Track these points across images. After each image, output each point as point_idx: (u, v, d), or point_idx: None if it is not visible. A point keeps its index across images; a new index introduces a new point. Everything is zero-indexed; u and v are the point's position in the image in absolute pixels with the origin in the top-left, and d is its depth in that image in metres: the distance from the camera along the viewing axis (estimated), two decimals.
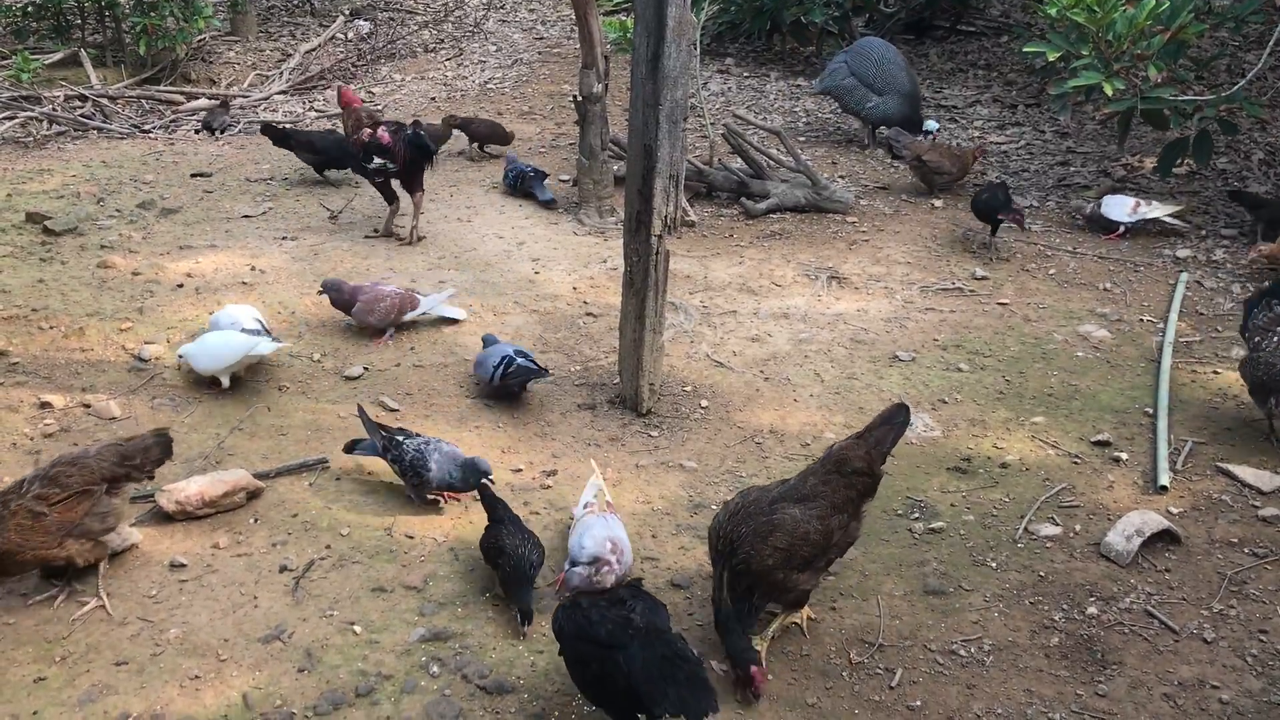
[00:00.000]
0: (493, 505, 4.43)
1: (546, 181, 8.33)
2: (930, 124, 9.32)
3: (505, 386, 5.51)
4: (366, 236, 7.49)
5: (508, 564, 4.13)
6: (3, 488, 4.19)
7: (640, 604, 3.69)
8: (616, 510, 4.52)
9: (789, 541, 3.84)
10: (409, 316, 6.15)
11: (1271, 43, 7.60)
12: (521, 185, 8.27)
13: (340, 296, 6.12)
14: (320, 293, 6.21)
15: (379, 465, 5.05)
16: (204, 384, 5.62)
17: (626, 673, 3.41)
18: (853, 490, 4.00)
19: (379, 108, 10.55)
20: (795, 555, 3.86)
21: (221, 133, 9.66)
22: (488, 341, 5.79)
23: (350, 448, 4.96)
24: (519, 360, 5.46)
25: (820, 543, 3.91)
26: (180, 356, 5.67)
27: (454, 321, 6.34)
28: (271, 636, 3.99)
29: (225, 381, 5.59)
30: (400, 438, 4.77)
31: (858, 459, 4.02)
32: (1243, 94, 7.57)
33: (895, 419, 4.16)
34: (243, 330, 5.66)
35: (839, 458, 4.04)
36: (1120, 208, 7.67)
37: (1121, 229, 7.69)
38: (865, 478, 4.03)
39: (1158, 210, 7.68)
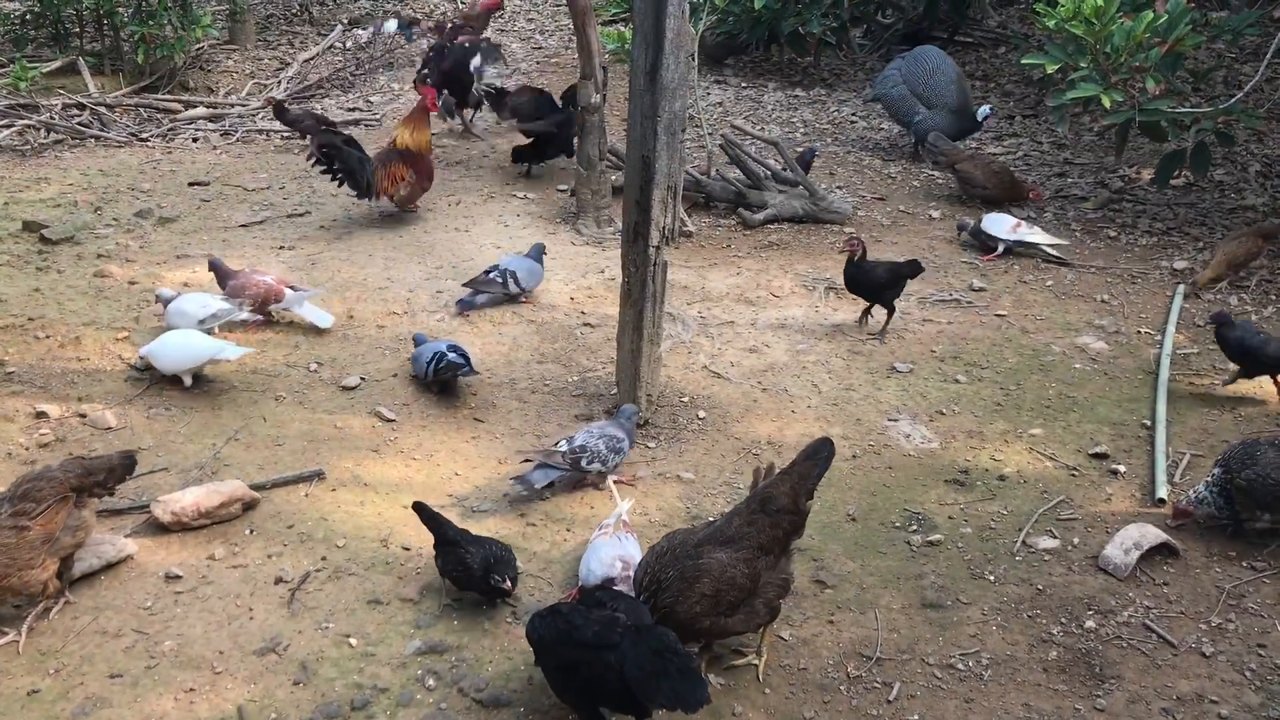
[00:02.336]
0: (439, 525, 4.30)
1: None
2: (984, 109, 9.36)
3: (437, 379, 5.69)
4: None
5: (485, 584, 4.11)
6: None
7: (621, 603, 3.69)
8: (632, 529, 4.50)
9: (715, 588, 3.76)
10: (273, 308, 6.28)
11: (1269, 55, 7.61)
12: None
13: (220, 275, 6.36)
14: (209, 269, 6.41)
15: (374, 476, 5.04)
16: (194, 390, 5.61)
17: (619, 672, 3.40)
18: (778, 529, 3.90)
19: (377, 116, 10.55)
20: (722, 601, 3.79)
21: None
22: (418, 341, 5.97)
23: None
24: (449, 355, 5.63)
25: (747, 586, 3.82)
26: (141, 355, 5.70)
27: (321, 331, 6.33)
28: (267, 649, 3.98)
29: (188, 380, 5.64)
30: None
31: (782, 496, 3.92)
32: (1240, 106, 7.58)
33: (819, 454, 4.02)
34: (200, 322, 5.90)
35: (763, 496, 3.95)
36: (1000, 225, 7.60)
37: (1000, 248, 7.60)
38: (791, 515, 3.93)
39: (1039, 237, 7.58)
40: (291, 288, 6.34)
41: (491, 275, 6.67)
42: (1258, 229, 7.26)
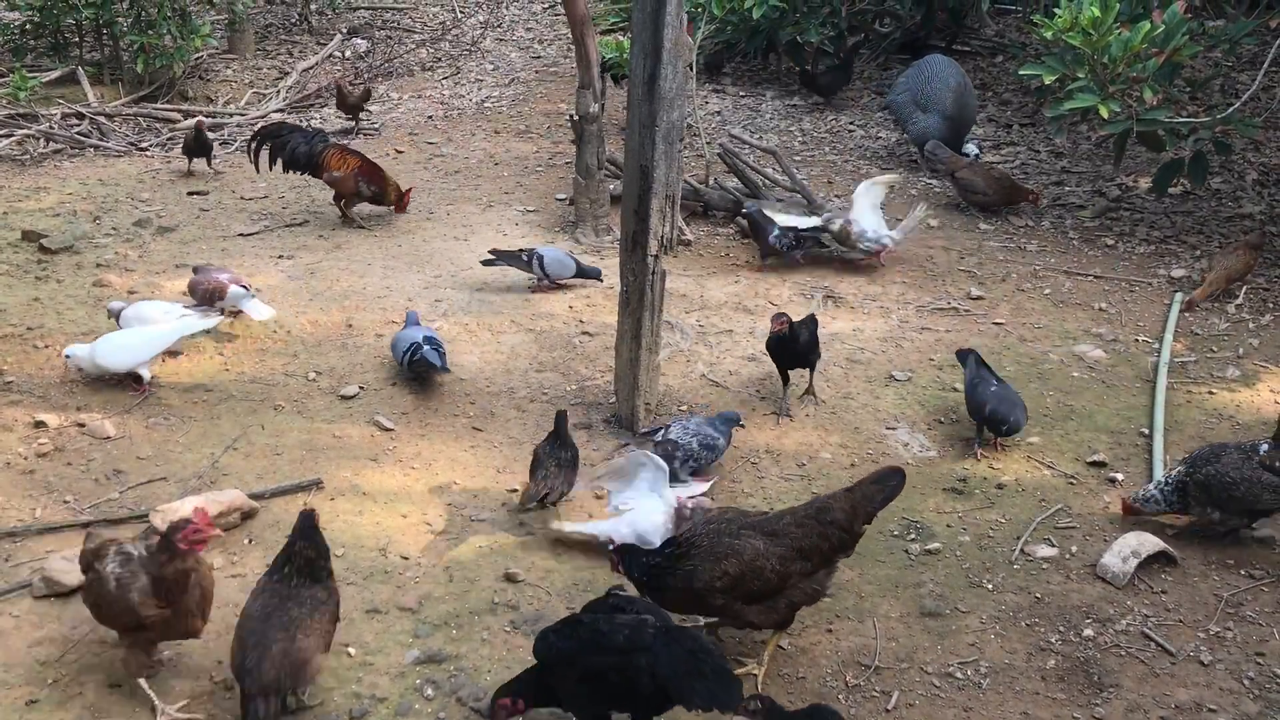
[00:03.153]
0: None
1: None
2: (970, 147, 9.32)
3: (411, 370, 5.85)
4: None
5: None
6: None
7: (641, 605, 3.67)
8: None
9: (740, 570, 3.81)
10: (219, 303, 6.29)
11: (1265, 64, 7.64)
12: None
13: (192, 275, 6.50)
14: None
15: (373, 485, 5.04)
16: (192, 399, 5.61)
17: (652, 674, 3.37)
18: (825, 541, 3.91)
19: (376, 125, 10.57)
20: (743, 586, 3.82)
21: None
22: (410, 320, 6.12)
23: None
24: (424, 349, 5.74)
25: (774, 581, 3.85)
26: (69, 356, 5.63)
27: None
28: None
29: (146, 374, 5.68)
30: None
31: (839, 510, 3.94)
32: (1237, 115, 7.59)
33: (888, 481, 4.01)
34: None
35: (821, 505, 3.99)
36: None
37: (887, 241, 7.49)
38: (842, 532, 3.93)
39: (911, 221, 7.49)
40: (243, 286, 6.38)
41: (519, 252, 7.06)
42: (1246, 241, 7.28)
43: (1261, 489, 4.58)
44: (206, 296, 6.27)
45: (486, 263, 7.06)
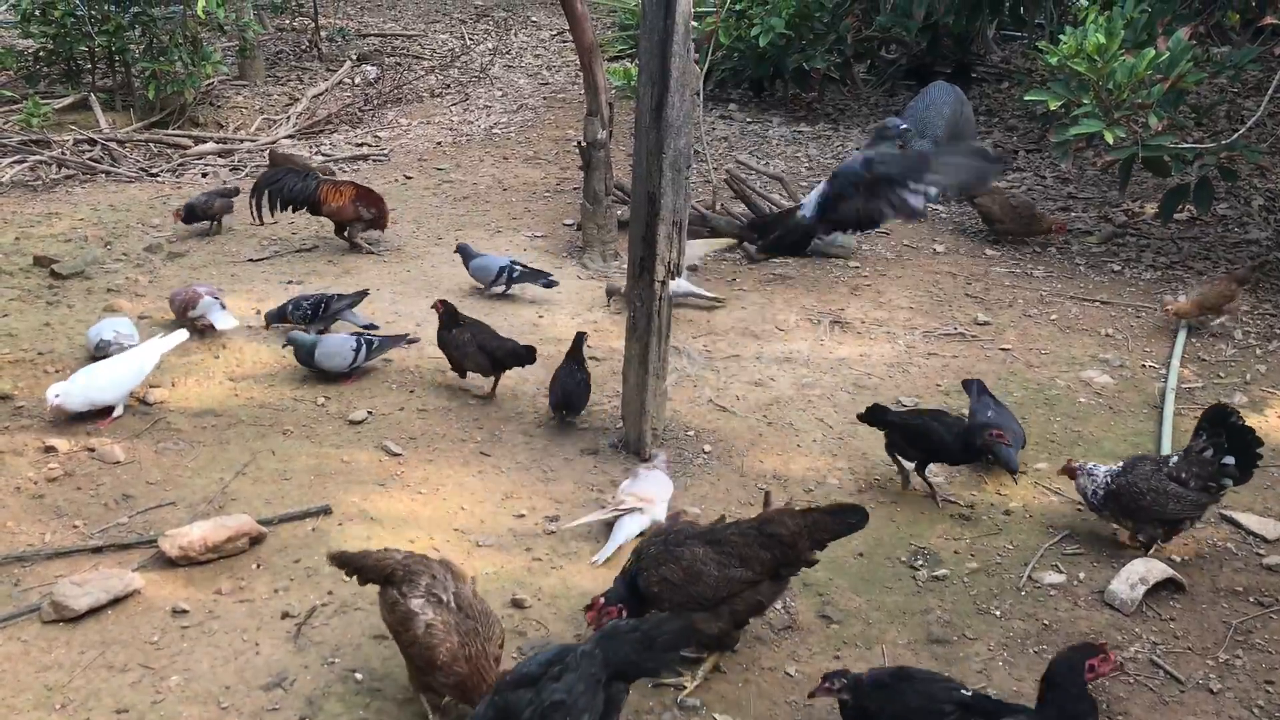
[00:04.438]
0: None
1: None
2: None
3: (512, 286, 7.26)
4: None
5: None
6: None
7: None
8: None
9: (680, 576, 3.94)
10: (190, 313, 6.46)
11: (1271, 90, 7.67)
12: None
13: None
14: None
15: (381, 510, 5.05)
16: (201, 424, 5.64)
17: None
18: (766, 553, 3.97)
19: (385, 152, 10.64)
20: (684, 590, 3.94)
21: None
22: (466, 252, 7.24)
23: None
24: (517, 268, 7.11)
25: (714, 587, 3.94)
26: (57, 396, 5.55)
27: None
28: (273, 684, 3.98)
29: (119, 410, 5.72)
30: None
31: (782, 528, 3.99)
32: (1242, 141, 7.62)
33: (847, 516, 4.07)
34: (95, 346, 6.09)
35: (765, 517, 4.08)
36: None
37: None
38: (785, 548, 3.98)
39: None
40: (215, 296, 6.53)
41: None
42: (1231, 274, 7.23)
43: (1168, 499, 4.68)
44: (182, 308, 6.49)
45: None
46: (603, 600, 3.98)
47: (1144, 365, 6.65)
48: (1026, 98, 8.37)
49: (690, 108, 5.25)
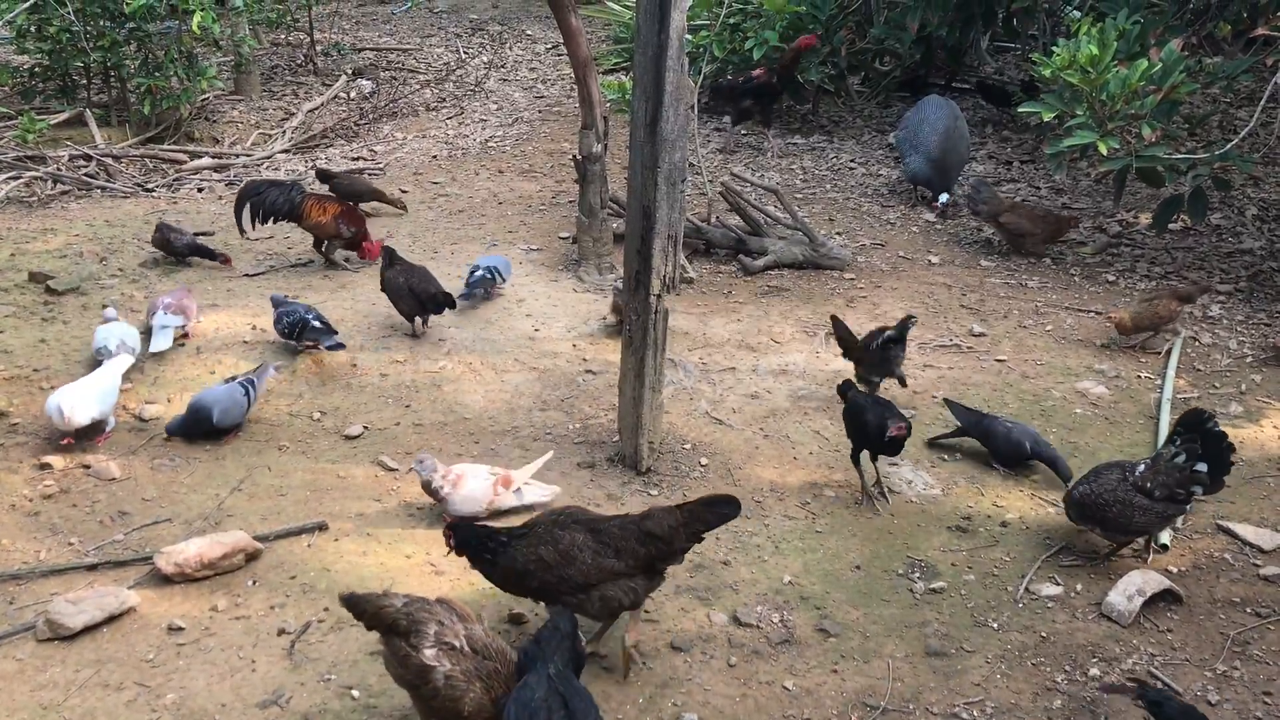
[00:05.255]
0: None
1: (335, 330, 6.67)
2: (943, 196, 9.24)
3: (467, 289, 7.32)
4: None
5: None
6: None
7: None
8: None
9: (553, 558, 4.09)
10: (150, 321, 6.55)
11: (1263, 100, 7.70)
12: (302, 335, 6.48)
13: None
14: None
15: (378, 526, 5.04)
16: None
17: None
18: (641, 547, 4.10)
19: (381, 165, 10.65)
20: (555, 572, 4.08)
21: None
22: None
23: None
24: (480, 273, 7.25)
25: (586, 572, 4.08)
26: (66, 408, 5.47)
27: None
28: (269, 701, 3.97)
29: (112, 422, 5.70)
30: None
31: (657, 523, 4.11)
32: (1236, 151, 7.65)
33: (720, 508, 4.18)
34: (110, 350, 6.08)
35: (646, 514, 4.20)
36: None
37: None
38: (660, 542, 4.10)
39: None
40: (173, 312, 6.56)
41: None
42: (1173, 291, 7.12)
43: (1134, 510, 4.72)
44: (149, 316, 6.62)
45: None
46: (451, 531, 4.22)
47: (1139, 376, 6.66)
48: (1020, 109, 8.40)
49: (685, 121, 5.26)
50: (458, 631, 3.67)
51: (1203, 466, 4.71)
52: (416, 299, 6.77)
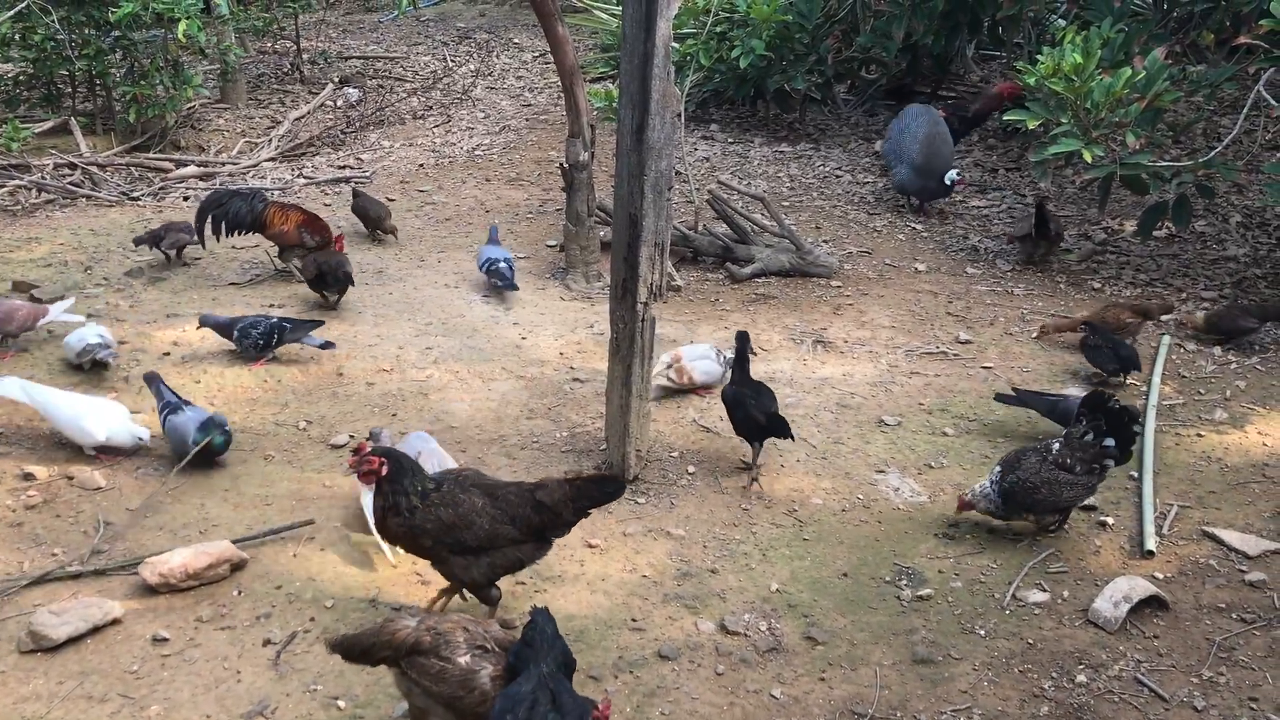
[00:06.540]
0: None
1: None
2: (951, 174, 9.22)
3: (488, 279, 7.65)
4: None
5: None
6: None
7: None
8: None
9: (451, 520, 4.17)
10: (41, 322, 6.49)
11: (1246, 108, 7.74)
12: (281, 340, 6.55)
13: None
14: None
15: (363, 535, 5.02)
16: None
17: None
18: (533, 516, 4.25)
19: (368, 175, 10.64)
20: (450, 535, 4.17)
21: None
22: (492, 234, 7.83)
23: None
24: (500, 264, 7.61)
25: (480, 538, 4.19)
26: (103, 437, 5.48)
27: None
28: (254, 713, 3.95)
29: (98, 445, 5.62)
30: None
31: (547, 494, 4.27)
32: (1219, 159, 7.68)
33: (606, 486, 4.39)
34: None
35: (538, 483, 4.35)
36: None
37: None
38: (548, 512, 4.26)
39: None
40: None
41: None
42: (1130, 304, 7.08)
43: (1061, 487, 4.96)
44: (25, 322, 6.53)
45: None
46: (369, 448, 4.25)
47: (1125, 383, 6.67)
48: (1005, 117, 8.42)
49: (672, 129, 5.26)
50: (484, 634, 3.65)
51: (1110, 441, 5.01)
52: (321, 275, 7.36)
